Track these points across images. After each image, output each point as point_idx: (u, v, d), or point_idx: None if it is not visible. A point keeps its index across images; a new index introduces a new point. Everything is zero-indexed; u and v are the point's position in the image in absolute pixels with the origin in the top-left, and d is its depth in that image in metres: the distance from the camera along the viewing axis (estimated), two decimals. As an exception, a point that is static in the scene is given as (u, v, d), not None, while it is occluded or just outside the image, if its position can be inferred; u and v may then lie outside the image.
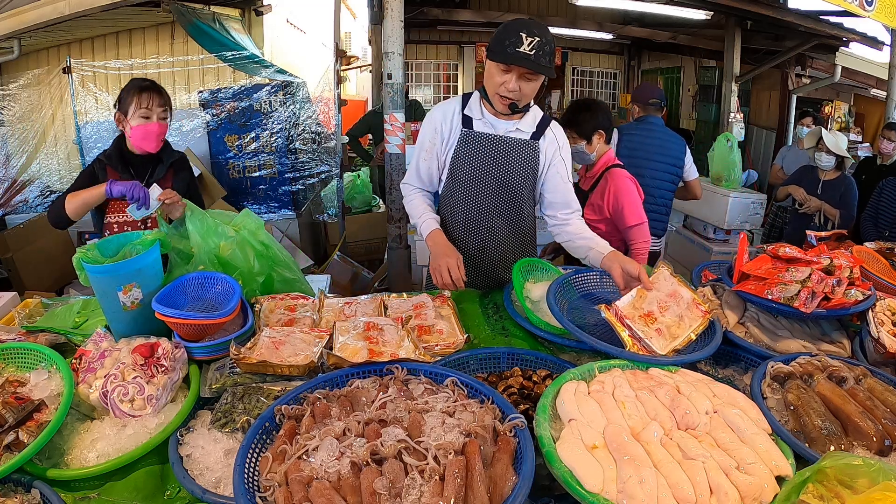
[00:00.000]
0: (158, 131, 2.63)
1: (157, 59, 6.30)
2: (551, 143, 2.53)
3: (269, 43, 7.34)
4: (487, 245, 2.65)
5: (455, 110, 2.52)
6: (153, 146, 2.65)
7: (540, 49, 2.19)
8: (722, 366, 1.97)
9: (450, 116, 2.52)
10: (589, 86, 13.57)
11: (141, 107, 2.57)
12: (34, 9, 4.75)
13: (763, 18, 7.17)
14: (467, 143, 2.48)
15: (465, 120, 2.50)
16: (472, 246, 2.64)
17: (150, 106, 2.58)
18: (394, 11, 4.43)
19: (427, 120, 2.58)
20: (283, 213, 6.00)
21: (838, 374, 1.68)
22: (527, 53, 2.18)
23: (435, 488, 1.16)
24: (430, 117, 2.56)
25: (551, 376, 1.72)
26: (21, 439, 1.47)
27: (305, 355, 1.73)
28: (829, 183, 4.90)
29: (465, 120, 2.50)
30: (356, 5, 14.43)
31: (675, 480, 1.24)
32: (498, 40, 2.23)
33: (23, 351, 1.79)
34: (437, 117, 2.54)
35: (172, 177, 2.76)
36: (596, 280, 2.26)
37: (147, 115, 2.58)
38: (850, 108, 10.16)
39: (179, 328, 1.82)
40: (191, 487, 1.39)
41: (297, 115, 5.98)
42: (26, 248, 5.01)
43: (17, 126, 6.21)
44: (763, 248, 2.17)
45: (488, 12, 9.82)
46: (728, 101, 8.23)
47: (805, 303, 1.86)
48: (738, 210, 5.04)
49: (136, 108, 2.57)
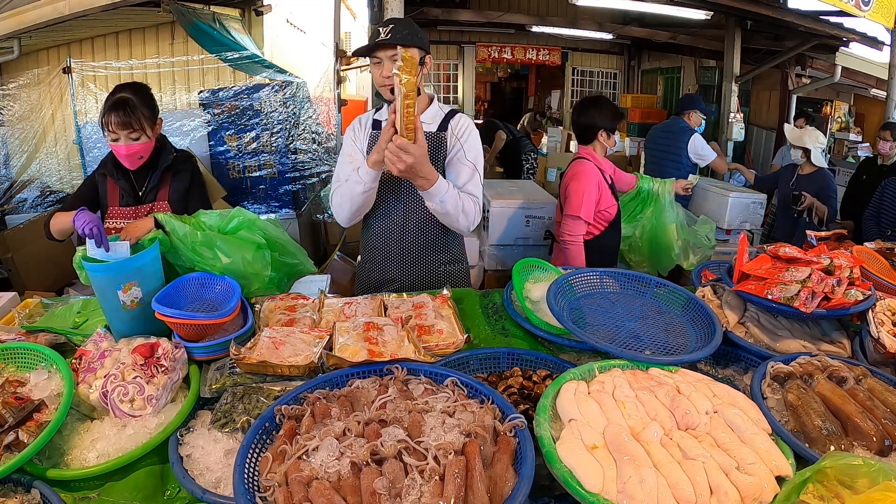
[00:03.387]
0: (127, 152, 2.55)
1: (157, 60, 6.29)
2: (455, 131, 2.57)
3: (270, 43, 7.34)
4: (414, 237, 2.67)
5: (368, 116, 2.68)
6: (129, 164, 2.59)
7: (395, 31, 2.35)
8: (722, 366, 1.97)
9: (364, 122, 2.67)
10: (589, 86, 13.60)
11: (109, 129, 2.51)
12: (34, 9, 4.74)
13: (763, 18, 7.18)
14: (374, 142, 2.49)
15: (374, 123, 2.63)
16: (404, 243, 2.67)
17: (113, 129, 2.50)
18: (394, 11, 4.44)
19: (347, 130, 2.68)
20: (284, 212, 5.99)
21: (838, 374, 1.68)
22: (384, 38, 2.35)
23: (435, 488, 1.16)
24: (350, 127, 2.68)
25: (551, 376, 1.72)
26: (21, 439, 1.47)
27: (305, 355, 1.73)
28: (804, 177, 5.02)
29: (374, 123, 2.63)
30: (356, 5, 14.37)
31: (675, 480, 1.24)
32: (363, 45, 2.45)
33: (23, 351, 1.79)
34: (353, 125, 2.68)
35: (170, 180, 2.74)
36: (596, 280, 2.26)
37: (115, 139, 2.53)
38: (850, 108, 10.18)
39: (179, 328, 1.82)
40: (191, 487, 1.40)
41: (298, 114, 5.98)
42: (26, 248, 5.01)
43: (17, 126, 6.21)
44: (763, 247, 2.17)
45: (488, 12, 9.85)
46: (728, 101, 8.24)
47: (805, 303, 1.86)
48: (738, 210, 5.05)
49: (106, 129, 2.52)
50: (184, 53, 6.43)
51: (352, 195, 2.43)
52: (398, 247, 2.66)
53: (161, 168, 2.69)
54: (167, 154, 2.72)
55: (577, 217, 3.50)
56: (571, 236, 3.53)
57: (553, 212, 4.60)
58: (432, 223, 2.62)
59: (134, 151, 2.56)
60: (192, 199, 2.78)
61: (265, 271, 2.23)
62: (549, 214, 4.69)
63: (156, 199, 2.70)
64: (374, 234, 2.70)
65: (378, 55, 2.39)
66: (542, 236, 4.45)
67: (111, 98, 2.53)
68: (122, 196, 2.67)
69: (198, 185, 2.84)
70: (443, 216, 2.43)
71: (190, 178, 2.79)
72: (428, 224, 2.64)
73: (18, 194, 6.11)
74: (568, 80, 13.53)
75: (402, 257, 2.68)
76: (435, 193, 2.30)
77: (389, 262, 2.69)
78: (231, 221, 2.23)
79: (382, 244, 2.68)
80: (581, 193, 3.51)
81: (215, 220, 2.24)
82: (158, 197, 2.70)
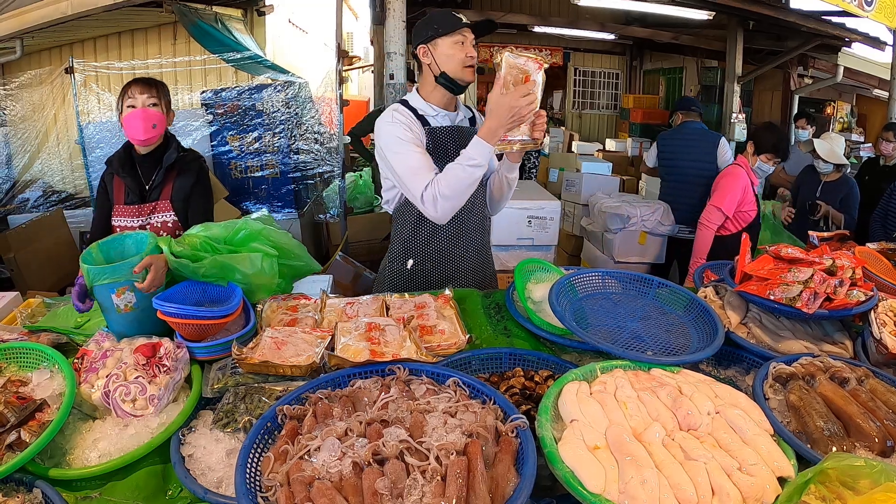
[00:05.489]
0: (143, 116, 2.57)
1: (159, 60, 6.31)
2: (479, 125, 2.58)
3: (271, 43, 7.36)
4: (471, 239, 2.67)
5: (406, 113, 2.47)
6: (140, 133, 2.59)
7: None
8: (724, 366, 1.97)
9: (409, 117, 2.46)
10: (591, 86, 13.60)
11: (127, 98, 2.58)
12: (37, 9, 4.75)
13: (765, 19, 7.17)
14: (434, 138, 2.49)
15: (421, 119, 2.50)
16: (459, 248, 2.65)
17: (133, 95, 2.57)
18: (396, 12, 4.44)
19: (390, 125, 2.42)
20: (285, 212, 6.01)
21: (840, 374, 1.68)
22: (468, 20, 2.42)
23: (437, 489, 1.16)
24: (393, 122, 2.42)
25: (553, 377, 1.72)
26: (23, 439, 1.47)
27: (307, 356, 1.73)
28: (829, 185, 4.96)
29: (421, 119, 2.50)
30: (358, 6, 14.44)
31: (676, 481, 1.24)
32: (437, 22, 2.40)
33: (25, 350, 1.80)
34: (397, 118, 2.44)
35: (174, 179, 2.72)
36: (598, 281, 2.26)
37: (132, 104, 2.57)
38: (852, 108, 10.17)
39: (181, 328, 1.82)
40: (192, 487, 1.39)
41: (300, 115, 5.98)
42: (28, 248, 5.02)
43: (20, 126, 6.24)
44: (765, 248, 2.17)
45: (490, 13, 9.84)
46: (730, 101, 8.24)
47: (807, 303, 1.85)
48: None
49: (124, 102, 2.58)
50: (186, 54, 6.45)
51: (470, 183, 2.28)
52: (460, 248, 2.66)
53: (165, 165, 2.69)
54: (172, 152, 2.71)
55: (719, 208, 4.13)
56: (707, 222, 4.17)
57: (556, 212, 4.68)
58: (481, 226, 2.69)
59: (149, 115, 2.58)
60: (194, 199, 2.76)
61: (273, 280, 2.22)
62: (550, 215, 4.70)
63: (159, 198, 2.69)
64: (436, 236, 2.62)
65: (465, 34, 2.40)
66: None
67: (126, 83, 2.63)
68: (127, 194, 2.67)
69: (202, 185, 2.81)
70: (508, 189, 2.58)
71: (195, 177, 2.77)
72: (478, 226, 2.69)
73: (21, 194, 6.13)
74: (570, 80, 13.52)
75: (461, 258, 2.67)
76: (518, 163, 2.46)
77: (450, 263, 2.66)
78: (238, 234, 2.20)
79: (445, 245, 2.63)
80: (727, 189, 4.14)
81: (221, 232, 2.19)
82: (162, 195, 2.69)
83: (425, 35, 2.41)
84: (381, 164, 2.52)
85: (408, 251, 2.64)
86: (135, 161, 2.69)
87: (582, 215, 6.41)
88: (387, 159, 2.42)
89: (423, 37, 2.42)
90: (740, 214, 4.20)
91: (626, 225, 5.43)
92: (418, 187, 2.29)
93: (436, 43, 2.40)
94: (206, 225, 2.19)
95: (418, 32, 2.45)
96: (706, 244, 4.17)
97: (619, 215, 5.44)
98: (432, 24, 2.40)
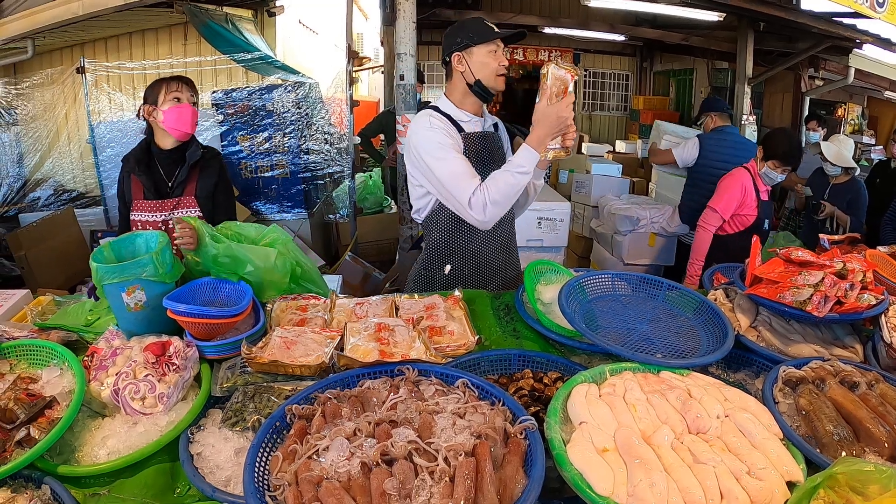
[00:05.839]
0: (192, 111, 2.65)
1: (170, 60, 6.34)
2: (499, 132, 2.71)
3: (282, 44, 7.37)
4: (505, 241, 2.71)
5: (442, 119, 2.47)
6: (189, 126, 2.66)
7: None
8: (733, 370, 1.96)
9: (446, 123, 2.46)
10: (601, 87, 13.56)
11: (171, 91, 2.61)
12: (48, 9, 4.77)
13: (776, 20, 7.12)
14: (469, 144, 2.49)
15: (456, 125, 2.50)
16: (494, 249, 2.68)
17: (179, 89, 2.63)
18: (406, 13, 4.43)
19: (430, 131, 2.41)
20: (295, 212, 6.01)
21: (850, 379, 1.67)
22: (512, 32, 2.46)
23: (445, 490, 1.16)
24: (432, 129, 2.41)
25: (562, 378, 1.72)
26: (32, 435, 1.48)
27: (317, 355, 1.74)
28: (837, 187, 4.93)
29: (456, 125, 2.50)
30: (368, 6, 14.45)
31: (685, 485, 1.23)
32: (472, 30, 2.41)
33: (35, 348, 1.81)
34: (434, 124, 2.43)
35: (198, 176, 2.76)
36: (607, 283, 2.25)
37: (178, 97, 2.62)
38: (863, 110, 10.09)
39: (191, 327, 1.83)
40: (201, 486, 1.40)
41: (310, 115, 5.99)
42: (39, 246, 5.04)
43: (31, 125, 6.29)
44: (776, 251, 2.16)
45: (500, 14, 9.84)
46: (740, 103, 8.19)
47: (818, 307, 1.84)
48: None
49: (166, 94, 2.61)
50: (197, 54, 6.48)
51: (518, 189, 2.34)
52: (495, 250, 2.68)
53: (189, 162, 2.72)
54: (195, 149, 2.75)
55: (714, 209, 4.05)
56: (705, 223, 4.10)
57: (566, 214, 4.67)
58: (511, 228, 2.74)
59: (194, 112, 2.66)
60: (219, 197, 2.83)
61: (284, 279, 2.23)
62: (560, 216, 4.69)
63: (182, 194, 2.71)
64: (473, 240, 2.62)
65: (498, 43, 2.42)
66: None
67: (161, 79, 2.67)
68: (145, 191, 2.69)
69: (224, 182, 2.87)
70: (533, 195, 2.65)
71: (217, 175, 2.82)
72: (509, 228, 2.73)
73: (32, 193, 6.17)
74: (580, 81, 13.48)
75: (496, 260, 2.70)
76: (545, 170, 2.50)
77: (487, 265, 2.68)
78: (264, 237, 2.25)
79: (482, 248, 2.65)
80: (725, 190, 4.06)
81: (252, 232, 2.27)
82: (185, 192, 2.72)
83: (460, 43, 2.41)
84: (415, 170, 2.51)
85: (444, 256, 2.64)
86: (153, 158, 2.71)
87: (592, 217, 6.40)
88: (426, 165, 2.40)
89: (459, 45, 2.42)
90: (737, 217, 4.13)
91: (636, 227, 5.42)
92: (464, 193, 2.31)
93: (471, 51, 2.41)
94: (242, 224, 2.28)
95: (452, 40, 2.44)
96: (703, 245, 4.13)
97: (629, 217, 5.44)
98: (467, 32, 2.41)
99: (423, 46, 11.36)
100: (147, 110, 2.63)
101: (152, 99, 2.62)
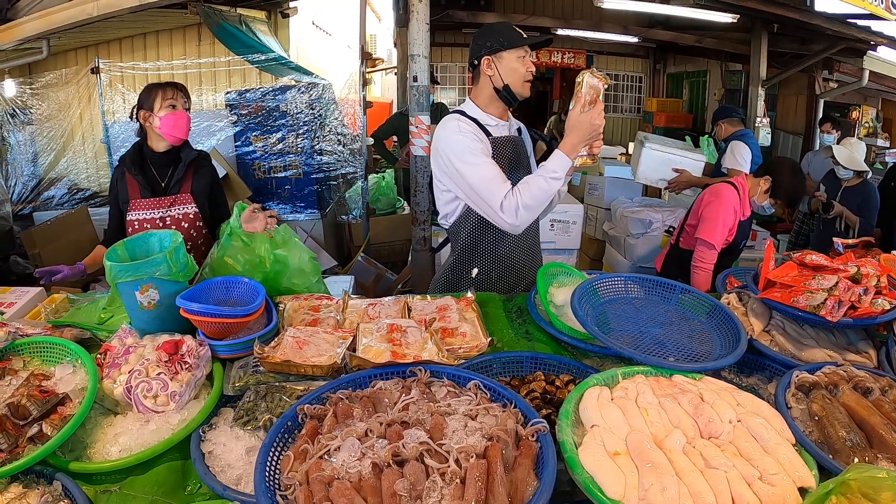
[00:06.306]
0: (187, 118, 2.73)
1: (184, 61, 6.38)
2: (523, 136, 2.71)
3: (295, 45, 7.40)
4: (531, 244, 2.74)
5: (470, 123, 2.45)
6: (184, 132, 2.74)
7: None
8: (746, 374, 1.95)
9: (474, 127, 2.44)
10: (614, 89, 13.53)
11: (167, 98, 2.67)
12: (63, 10, 4.80)
13: (790, 22, 7.09)
14: (496, 148, 2.48)
15: (483, 129, 2.47)
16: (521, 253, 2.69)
17: (174, 97, 2.70)
18: (419, 14, 4.44)
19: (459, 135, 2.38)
20: (308, 213, 6.04)
21: (864, 384, 1.65)
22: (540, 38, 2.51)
23: (456, 491, 1.16)
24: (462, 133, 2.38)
25: (574, 381, 1.71)
26: (44, 432, 1.49)
27: (329, 356, 1.74)
28: (849, 189, 4.92)
29: (483, 129, 2.47)
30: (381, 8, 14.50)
31: (696, 489, 1.23)
32: (502, 35, 2.41)
33: (48, 345, 1.83)
34: (466, 129, 2.40)
35: (192, 176, 2.81)
36: (620, 285, 2.24)
37: (173, 105, 2.68)
38: (877, 112, 10.00)
39: (204, 325, 1.84)
40: (212, 484, 1.41)
41: (323, 116, 6.01)
42: (53, 245, 5.07)
43: (46, 124, 6.33)
44: (789, 255, 2.14)
45: (513, 15, 9.82)
46: (754, 105, 8.15)
47: (831, 311, 1.83)
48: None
49: (162, 101, 2.67)
50: (210, 55, 6.51)
51: (550, 195, 2.34)
52: (522, 253, 2.70)
53: (185, 161, 2.78)
54: (189, 149, 2.83)
55: (711, 246, 3.37)
56: (702, 262, 3.40)
57: (579, 216, 4.63)
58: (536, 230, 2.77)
59: (188, 118, 2.75)
60: (216, 196, 2.91)
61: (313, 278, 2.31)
62: (573, 218, 4.68)
63: (179, 192, 2.77)
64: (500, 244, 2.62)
65: (526, 48, 2.43)
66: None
67: (154, 84, 2.75)
68: (142, 190, 2.72)
69: (217, 182, 2.96)
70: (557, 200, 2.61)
71: (210, 176, 2.90)
72: (535, 230, 2.76)
73: (46, 191, 6.22)
74: (594, 84, 13.45)
75: (523, 262, 2.71)
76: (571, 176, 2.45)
77: (514, 268, 2.69)
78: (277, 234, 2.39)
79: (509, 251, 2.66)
80: (715, 220, 3.40)
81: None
82: (182, 189, 2.78)
83: (490, 46, 2.40)
84: (444, 175, 2.49)
85: (472, 260, 2.64)
86: (146, 160, 2.77)
87: (604, 219, 6.37)
88: (456, 170, 2.38)
89: (489, 48, 2.40)
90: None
91: (648, 230, 5.40)
92: (496, 198, 2.29)
93: (501, 56, 2.40)
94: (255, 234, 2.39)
95: (482, 43, 2.43)
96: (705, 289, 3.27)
97: (642, 220, 5.41)
98: (498, 36, 2.40)
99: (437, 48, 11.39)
100: (143, 116, 2.70)
101: (148, 105, 2.69)
